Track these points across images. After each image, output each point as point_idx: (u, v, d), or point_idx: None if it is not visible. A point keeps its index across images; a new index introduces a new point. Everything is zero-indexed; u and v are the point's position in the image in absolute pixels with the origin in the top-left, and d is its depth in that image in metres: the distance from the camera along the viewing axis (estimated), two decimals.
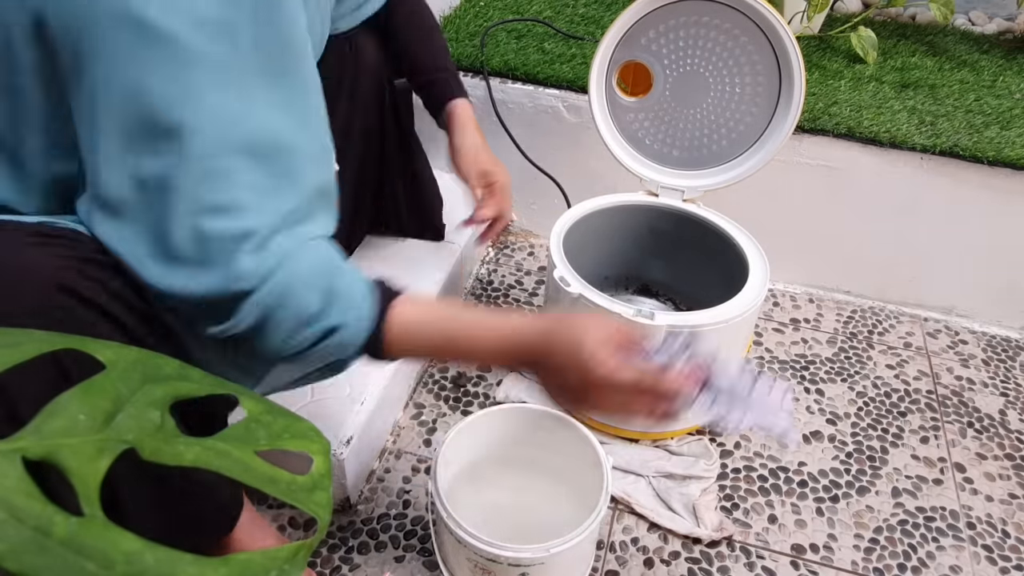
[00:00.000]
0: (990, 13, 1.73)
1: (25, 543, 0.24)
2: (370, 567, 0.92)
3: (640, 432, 1.06)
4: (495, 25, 1.47)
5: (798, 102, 1.00)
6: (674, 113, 1.08)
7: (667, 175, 1.12)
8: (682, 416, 0.62)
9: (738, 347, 1.02)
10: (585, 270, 1.01)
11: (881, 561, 0.96)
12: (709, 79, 1.03)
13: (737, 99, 1.04)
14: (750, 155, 1.07)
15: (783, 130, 1.02)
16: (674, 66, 1.04)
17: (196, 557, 0.26)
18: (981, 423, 1.16)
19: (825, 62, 1.43)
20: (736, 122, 1.06)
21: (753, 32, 0.97)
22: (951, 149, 1.20)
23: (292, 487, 0.31)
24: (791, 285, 1.42)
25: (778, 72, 1.00)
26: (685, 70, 1.04)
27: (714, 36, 1.00)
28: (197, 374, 0.35)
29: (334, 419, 0.95)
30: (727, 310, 0.94)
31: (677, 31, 1.01)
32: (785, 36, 0.95)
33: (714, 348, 0.64)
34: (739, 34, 0.98)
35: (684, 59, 1.03)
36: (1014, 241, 1.27)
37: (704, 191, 1.11)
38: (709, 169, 1.10)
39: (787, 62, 0.98)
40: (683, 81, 1.05)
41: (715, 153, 1.09)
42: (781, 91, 1.01)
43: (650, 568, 0.94)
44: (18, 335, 0.32)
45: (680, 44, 1.02)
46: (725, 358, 0.62)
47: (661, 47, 1.03)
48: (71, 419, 0.29)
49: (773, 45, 0.97)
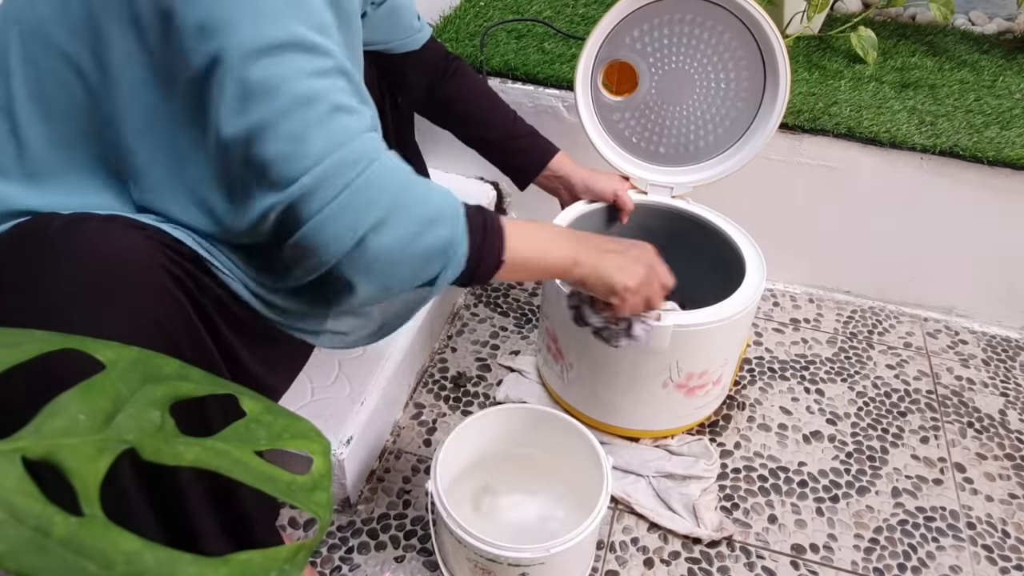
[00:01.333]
0: (990, 13, 1.73)
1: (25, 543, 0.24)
2: (370, 567, 0.92)
3: (640, 431, 1.06)
4: (495, 25, 1.47)
5: (783, 97, 1.00)
6: (660, 111, 1.08)
7: (654, 172, 1.13)
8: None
9: (735, 346, 1.02)
10: None
11: (881, 561, 0.96)
12: (694, 76, 1.04)
13: (723, 95, 1.04)
14: (736, 150, 1.07)
15: (769, 125, 1.03)
16: (659, 64, 1.04)
17: (196, 557, 0.26)
18: (981, 423, 1.16)
19: (825, 62, 1.43)
20: (722, 118, 1.06)
21: (737, 28, 0.98)
22: (951, 149, 1.20)
23: (292, 487, 0.31)
24: (791, 285, 1.42)
25: (763, 67, 1.00)
26: (670, 68, 1.04)
27: (698, 33, 1.00)
28: (197, 374, 0.35)
29: (334, 419, 0.95)
30: (723, 309, 0.94)
31: (661, 29, 1.01)
32: (769, 31, 0.96)
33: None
34: (723, 30, 0.99)
35: (669, 57, 1.03)
36: (1014, 241, 1.27)
37: (692, 187, 1.11)
38: (696, 165, 1.11)
39: (772, 57, 0.98)
40: (668, 79, 1.05)
41: (702, 149, 1.09)
42: (766, 86, 1.01)
43: (650, 568, 0.94)
44: (18, 335, 0.32)
45: (665, 42, 1.02)
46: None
47: (646, 46, 1.03)
48: (71, 419, 0.29)
49: (758, 40, 0.98)
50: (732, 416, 1.15)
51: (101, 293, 0.53)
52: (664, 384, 0.99)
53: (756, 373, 1.22)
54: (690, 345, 0.95)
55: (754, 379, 1.21)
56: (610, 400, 1.03)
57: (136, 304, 0.54)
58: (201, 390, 0.34)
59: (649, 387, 0.99)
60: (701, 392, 1.02)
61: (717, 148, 1.08)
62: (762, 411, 1.16)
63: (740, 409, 1.16)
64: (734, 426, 1.13)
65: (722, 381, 1.05)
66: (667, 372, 0.97)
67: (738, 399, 1.17)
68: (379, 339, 0.80)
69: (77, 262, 0.53)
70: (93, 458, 0.28)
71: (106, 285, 0.53)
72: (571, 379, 1.06)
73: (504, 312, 1.31)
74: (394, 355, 1.06)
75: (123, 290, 0.54)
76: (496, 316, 1.30)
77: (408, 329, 1.10)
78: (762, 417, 1.15)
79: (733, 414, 1.15)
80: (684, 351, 0.95)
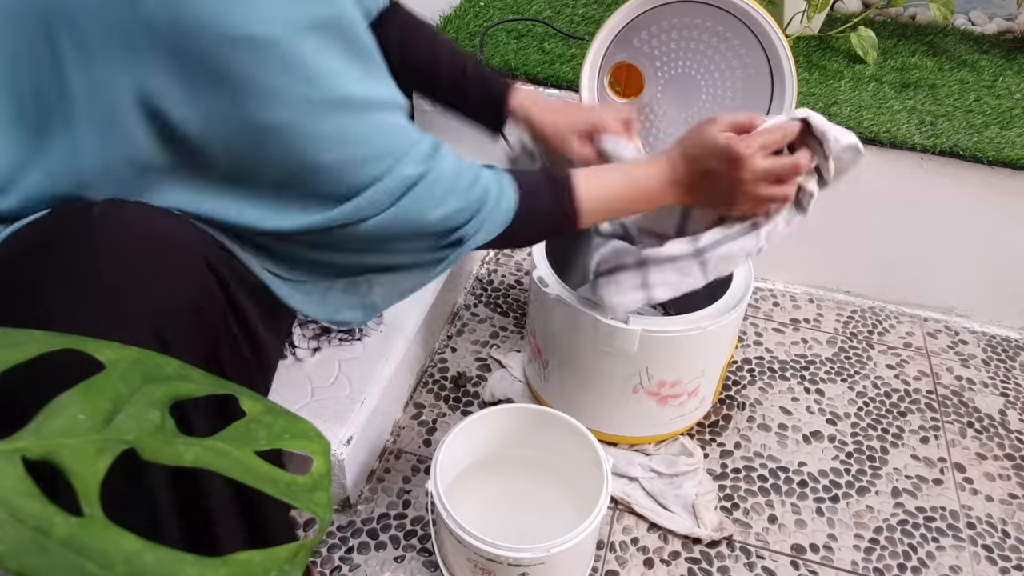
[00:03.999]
0: (990, 13, 1.73)
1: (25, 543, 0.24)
2: (370, 567, 0.92)
3: (615, 436, 1.05)
4: (495, 25, 1.47)
5: (789, 108, 0.99)
6: (665, 116, 1.08)
7: None
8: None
9: (713, 359, 1.00)
10: (579, 273, 1.00)
11: (881, 561, 0.96)
12: (701, 82, 1.03)
13: (729, 103, 1.03)
14: None
15: None
16: (666, 68, 1.04)
17: (196, 557, 0.26)
18: (981, 423, 1.16)
19: (825, 62, 1.43)
20: None
21: (745, 36, 0.97)
22: (951, 149, 1.20)
23: (292, 487, 0.31)
24: (791, 285, 1.42)
25: (770, 77, 0.99)
26: (677, 72, 1.03)
27: (706, 39, 0.99)
28: (197, 374, 0.35)
29: (334, 419, 0.95)
30: (694, 319, 0.93)
31: (669, 32, 1.00)
32: (777, 41, 0.95)
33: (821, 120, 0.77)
34: (731, 37, 0.98)
35: (676, 62, 1.02)
36: (1014, 241, 1.27)
37: None
38: None
39: (779, 67, 0.97)
40: (675, 84, 1.04)
41: None
42: (773, 97, 1.00)
43: (650, 568, 0.94)
44: (18, 335, 0.32)
45: (672, 46, 1.01)
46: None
47: (653, 49, 1.02)
48: (71, 419, 0.29)
49: (765, 50, 0.97)
50: (732, 416, 1.15)
51: (145, 273, 0.55)
52: (635, 389, 0.98)
53: (756, 373, 1.22)
54: (659, 351, 0.94)
55: (754, 379, 1.21)
56: (584, 401, 1.02)
57: (180, 283, 0.56)
58: (201, 390, 0.34)
59: (621, 391, 0.98)
60: (675, 402, 1.01)
61: None
62: (762, 411, 1.16)
63: (740, 409, 1.16)
64: (734, 426, 1.13)
65: (699, 393, 1.03)
66: (637, 377, 0.96)
67: (738, 399, 1.17)
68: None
69: (122, 241, 0.55)
70: (93, 458, 0.28)
71: (150, 264, 0.55)
72: (548, 376, 1.06)
73: (504, 312, 1.31)
74: (394, 355, 1.06)
75: (167, 270, 0.56)
76: (496, 316, 1.30)
77: (408, 329, 1.10)
78: (762, 417, 1.15)
79: (733, 414, 1.15)
80: (653, 357, 0.94)
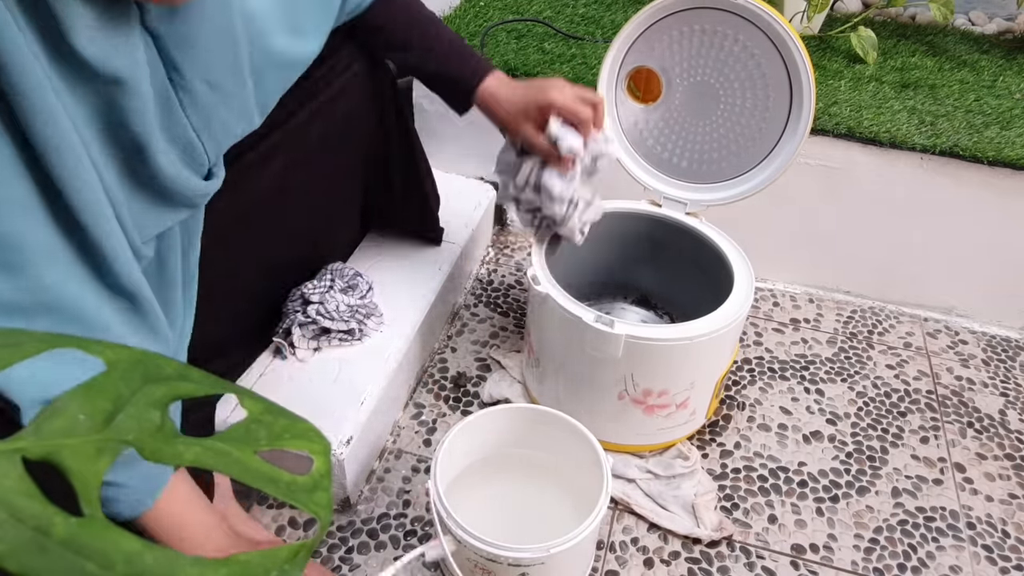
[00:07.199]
0: (990, 13, 1.73)
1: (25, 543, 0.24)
2: (370, 567, 0.92)
3: (604, 442, 1.05)
4: (495, 25, 1.47)
5: (806, 124, 0.98)
6: (683, 124, 1.07)
7: (672, 186, 1.11)
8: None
9: (704, 371, 1.00)
10: (578, 275, 0.99)
11: (881, 561, 0.96)
12: (720, 92, 1.02)
13: (748, 115, 1.02)
14: (756, 173, 1.05)
15: (790, 151, 1.01)
16: (686, 75, 1.03)
17: (197, 558, 0.26)
18: (981, 423, 1.16)
19: (825, 62, 1.43)
20: (745, 138, 1.04)
21: (767, 48, 0.96)
22: (951, 149, 1.20)
23: (292, 487, 0.31)
24: (791, 285, 1.42)
25: (789, 92, 0.98)
26: (696, 80, 1.02)
27: (728, 47, 0.98)
28: (197, 374, 0.35)
29: (334, 419, 0.95)
30: (681, 329, 0.92)
31: (691, 39, 0.99)
32: (799, 57, 0.94)
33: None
34: (752, 47, 0.97)
35: (696, 69, 1.01)
36: (1014, 241, 1.27)
37: (707, 206, 1.09)
38: (714, 184, 1.09)
39: (799, 83, 0.96)
40: (694, 92, 1.03)
41: (722, 168, 1.07)
42: (791, 111, 0.99)
43: (650, 568, 0.94)
44: (18, 335, 0.32)
45: (693, 53, 1.00)
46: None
47: (674, 54, 1.02)
48: (71, 419, 0.29)
49: (787, 64, 0.96)
50: (732, 416, 1.15)
51: None
52: (620, 395, 0.97)
53: (756, 373, 1.22)
54: (644, 359, 0.93)
55: (754, 379, 1.21)
56: (572, 404, 1.01)
57: None
58: (201, 390, 0.34)
59: (607, 395, 0.98)
60: (662, 412, 1.00)
61: (736, 169, 1.06)
62: (762, 411, 1.16)
63: (740, 409, 1.16)
64: (734, 426, 1.13)
65: (689, 406, 1.01)
66: (623, 383, 0.96)
67: (738, 399, 1.17)
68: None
69: None
70: (93, 458, 0.28)
71: None
72: (540, 376, 1.06)
73: (504, 312, 1.31)
74: (394, 355, 1.06)
75: None
76: (496, 316, 1.30)
77: (408, 329, 1.10)
78: (762, 417, 1.15)
79: (733, 414, 1.15)
80: (638, 364, 0.93)
